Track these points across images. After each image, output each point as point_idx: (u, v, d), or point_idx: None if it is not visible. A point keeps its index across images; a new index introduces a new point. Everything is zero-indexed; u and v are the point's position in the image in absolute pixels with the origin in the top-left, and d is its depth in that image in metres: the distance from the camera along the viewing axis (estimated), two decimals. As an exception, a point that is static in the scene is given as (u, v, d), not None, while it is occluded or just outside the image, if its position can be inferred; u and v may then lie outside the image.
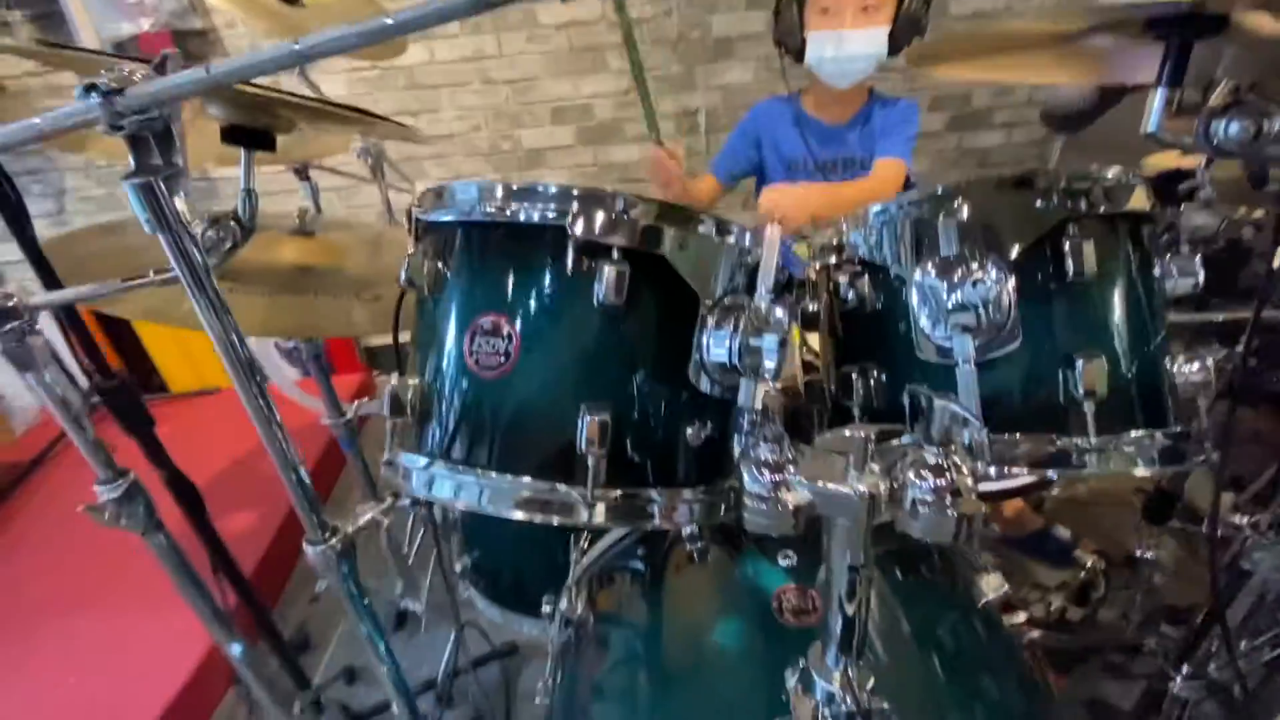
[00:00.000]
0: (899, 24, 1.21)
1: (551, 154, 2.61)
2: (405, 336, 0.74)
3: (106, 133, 0.40)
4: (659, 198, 0.58)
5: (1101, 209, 0.57)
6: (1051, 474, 0.60)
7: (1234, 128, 0.43)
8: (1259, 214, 0.96)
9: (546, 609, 0.94)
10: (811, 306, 0.80)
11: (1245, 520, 0.82)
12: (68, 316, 0.80)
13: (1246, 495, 1.49)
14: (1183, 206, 0.62)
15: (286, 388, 1.91)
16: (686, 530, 0.79)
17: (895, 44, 1.23)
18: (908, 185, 1.37)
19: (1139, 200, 0.58)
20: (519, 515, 0.60)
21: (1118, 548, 1.54)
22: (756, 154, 1.45)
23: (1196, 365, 0.62)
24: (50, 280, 0.74)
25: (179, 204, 0.45)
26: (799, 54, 1.29)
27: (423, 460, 0.63)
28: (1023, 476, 0.61)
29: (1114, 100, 1.43)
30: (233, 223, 0.70)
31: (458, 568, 1.19)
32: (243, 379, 0.56)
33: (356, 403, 1.34)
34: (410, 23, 0.37)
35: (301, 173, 1.53)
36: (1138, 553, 1.36)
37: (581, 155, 2.62)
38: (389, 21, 0.37)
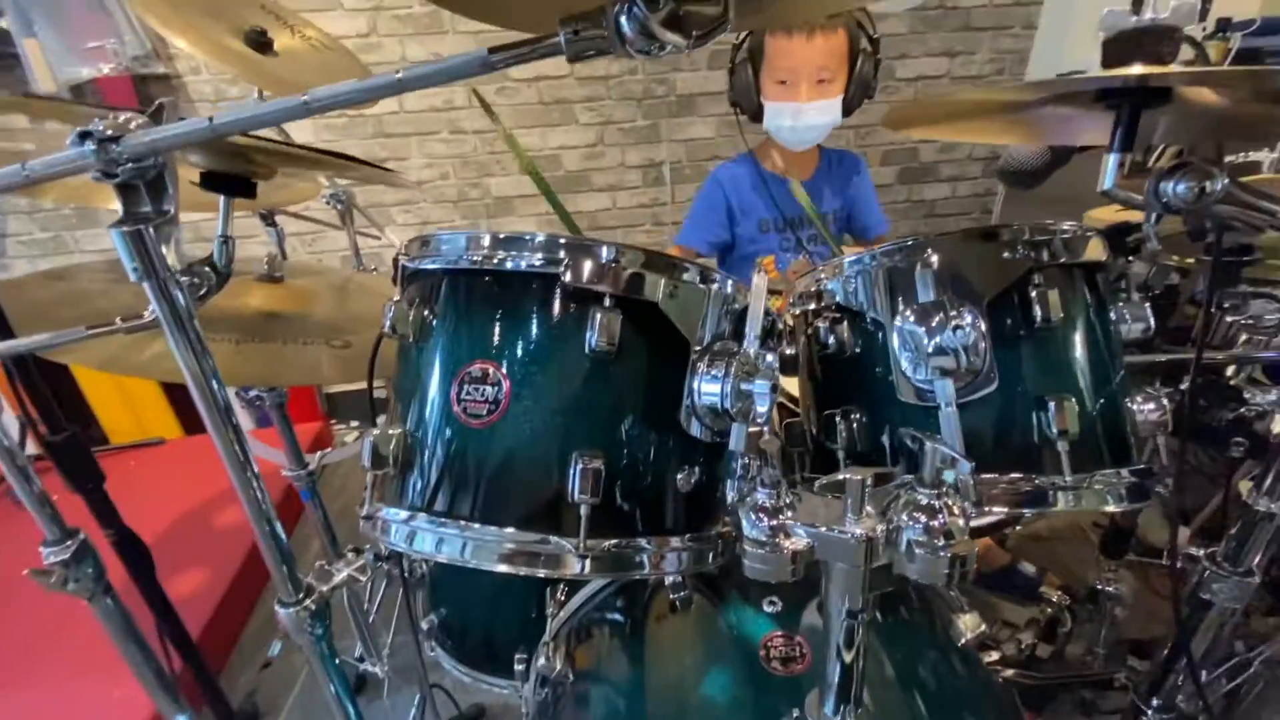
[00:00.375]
0: (851, 90, 1.28)
1: (520, 202, 2.64)
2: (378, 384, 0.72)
3: (97, 180, 0.39)
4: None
5: (1062, 259, 0.61)
6: (1028, 512, 0.62)
7: (1181, 188, 0.48)
8: (1190, 261, 1.05)
9: (519, 667, 0.91)
10: (789, 350, 0.82)
11: (1202, 553, 0.86)
12: (17, 366, 0.75)
13: (1195, 526, 1.57)
14: (1131, 257, 0.67)
15: (241, 438, 1.83)
16: (669, 579, 0.78)
17: (848, 108, 1.30)
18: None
19: (1095, 251, 0.63)
20: (504, 569, 0.58)
21: (1079, 582, 1.58)
22: (728, 219, 1.48)
23: (1153, 405, 0.66)
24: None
25: (167, 252, 0.44)
26: (755, 114, 1.35)
27: (404, 513, 0.61)
28: (997, 515, 0.63)
29: (1065, 159, 1.54)
30: (208, 269, 0.68)
31: (424, 626, 1.14)
32: (220, 427, 0.53)
33: (320, 453, 1.29)
34: (419, 80, 0.38)
35: (268, 218, 1.51)
36: (1098, 586, 1.40)
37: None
38: (398, 77, 0.38)
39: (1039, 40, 2.62)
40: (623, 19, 0.37)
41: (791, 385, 0.91)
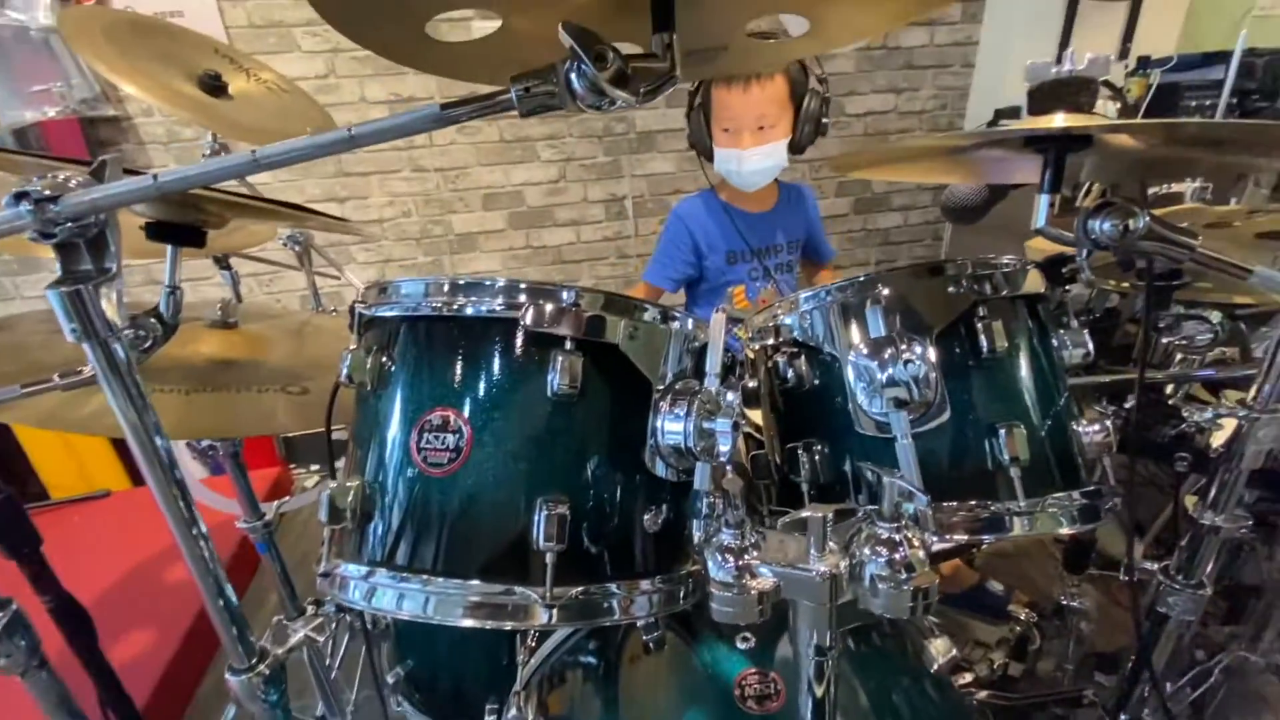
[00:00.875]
0: (799, 130, 1.32)
1: (483, 238, 2.64)
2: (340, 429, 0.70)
3: (34, 240, 0.38)
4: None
5: (1004, 291, 0.64)
6: (988, 538, 0.63)
7: (1107, 226, 0.51)
8: (1125, 285, 1.11)
9: (490, 718, 0.88)
10: (751, 383, 0.83)
11: (1156, 567, 0.89)
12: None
13: (1150, 537, 1.62)
14: (1068, 287, 0.70)
15: (193, 488, 1.75)
16: (642, 620, 0.77)
17: (799, 146, 1.35)
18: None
19: (1034, 283, 0.66)
20: (469, 623, 0.57)
21: (1046, 598, 1.61)
22: (695, 256, 1.50)
23: (1097, 426, 0.69)
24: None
25: (108, 307, 0.42)
26: (710, 157, 1.39)
27: (363, 569, 0.59)
28: (957, 542, 0.65)
29: (1002, 195, 1.63)
30: (154, 320, 0.66)
31: (390, 680, 1.09)
32: (163, 484, 0.51)
33: (277, 503, 1.25)
34: (371, 135, 0.38)
35: (222, 261, 1.48)
36: (1064, 601, 1.43)
37: (514, 238, 2.67)
38: (350, 134, 0.38)
39: (977, 77, 2.77)
40: (573, 76, 0.39)
41: (757, 417, 0.93)
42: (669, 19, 0.41)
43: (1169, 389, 1.00)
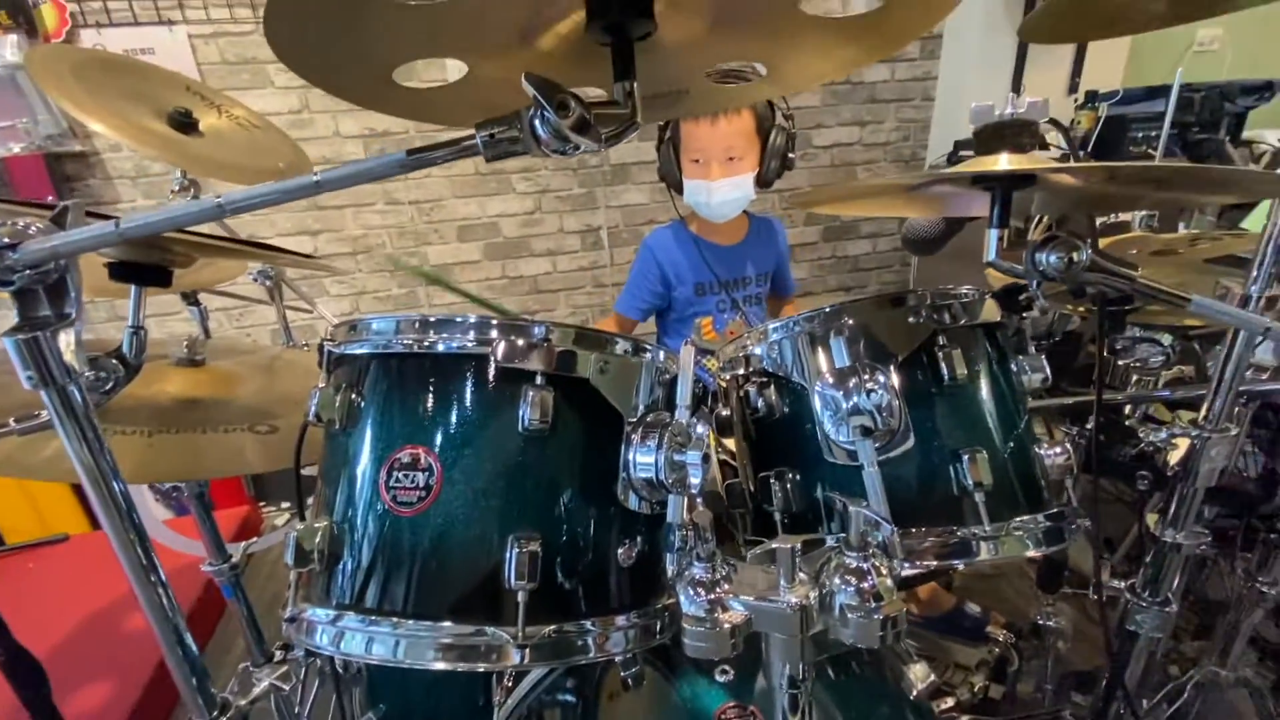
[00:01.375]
0: (765, 164, 1.36)
1: (459, 269, 2.64)
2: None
3: (-10, 288, 0.37)
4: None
5: (963, 320, 0.66)
6: (958, 564, 0.64)
7: (1053, 258, 0.53)
8: (1081, 309, 1.15)
9: (468, 762, 0.85)
10: (725, 412, 0.84)
11: (1123, 585, 0.90)
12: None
13: (1119, 555, 1.65)
14: (1025, 314, 0.73)
15: (156, 530, 1.69)
16: (618, 657, 0.76)
17: (765, 180, 1.38)
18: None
19: (990, 312, 0.68)
20: (441, 666, 0.56)
21: (1023, 618, 1.62)
22: (663, 287, 1.52)
23: (1059, 449, 0.71)
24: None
25: (65, 350, 0.41)
26: (679, 189, 1.42)
27: (331, 612, 0.58)
28: (927, 568, 0.66)
29: (958, 227, 1.70)
30: (115, 361, 0.65)
31: (362, 727, 1.05)
32: (120, 531, 0.50)
33: (244, 544, 1.21)
34: (337, 181, 0.39)
35: (190, 297, 1.46)
36: (1040, 621, 1.44)
37: (490, 269, 2.68)
38: (315, 179, 0.39)
39: (937, 110, 2.88)
40: (536, 123, 0.40)
41: (733, 445, 0.93)
42: (629, 68, 0.43)
43: (1128, 409, 1.03)
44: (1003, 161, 0.51)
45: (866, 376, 0.59)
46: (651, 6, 0.42)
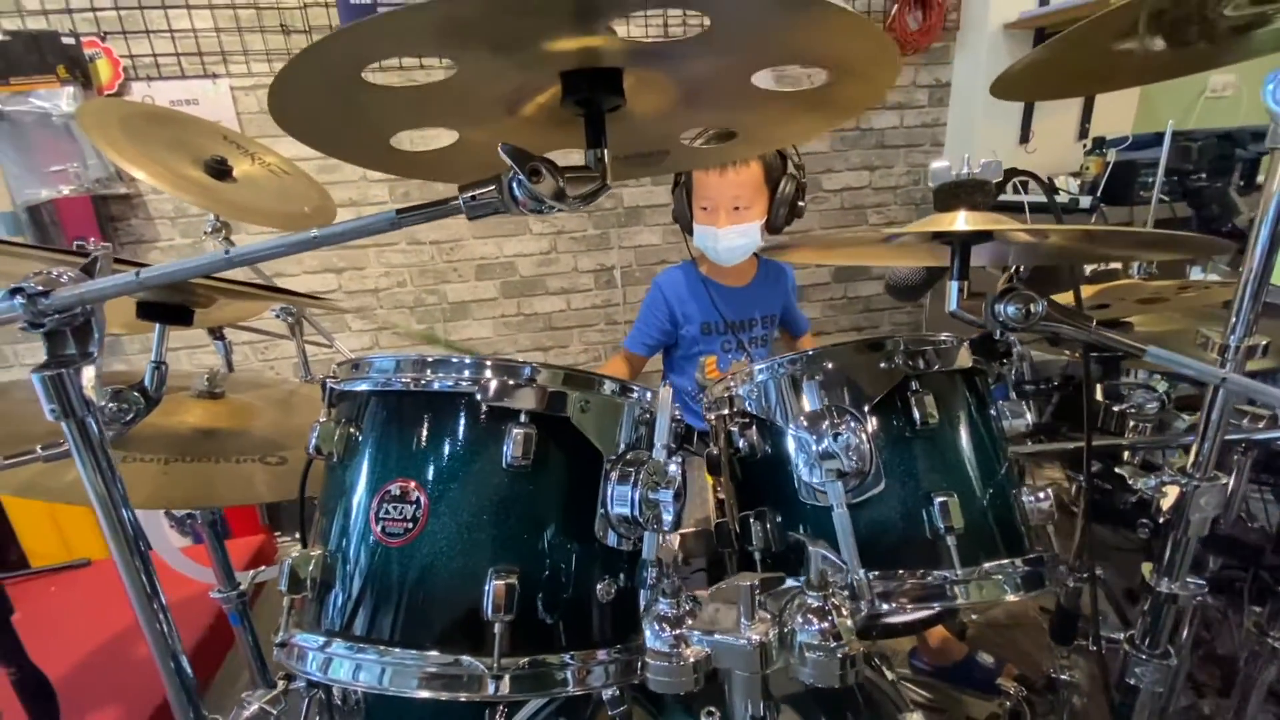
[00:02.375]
0: (774, 211, 1.40)
1: (475, 306, 2.72)
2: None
3: (24, 330, 0.42)
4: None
5: (936, 366, 0.68)
6: (936, 606, 0.65)
7: (1011, 310, 0.56)
8: (1076, 355, 1.15)
9: (459, 797, 0.86)
10: (714, 450, 0.86)
11: (1122, 636, 0.88)
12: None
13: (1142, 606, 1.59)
14: (1004, 360, 0.75)
15: (170, 556, 1.73)
16: (607, 694, 0.76)
17: (775, 227, 1.42)
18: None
19: (963, 359, 0.70)
20: (424, 694, 0.58)
21: (1037, 670, 1.57)
22: (671, 325, 1.56)
23: (1041, 495, 0.72)
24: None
25: (86, 385, 0.46)
26: (691, 230, 1.47)
27: (320, 639, 0.60)
28: (913, 612, 0.66)
29: (939, 275, 1.73)
30: (137, 394, 0.69)
31: (358, 759, 1.06)
32: (127, 557, 0.53)
33: (252, 572, 1.24)
34: (334, 236, 0.43)
35: (215, 331, 1.53)
36: (1053, 674, 1.39)
37: (506, 306, 2.75)
38: (313, 235, 0.43)
39: (947, 155, 2.92)
40: (514, 186, 0.44)
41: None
42: (600, 137, 0.47)
43: (1125, 455, 1.03)
44: (960, 219, 0.54)
45: (837, 419, 0.61)
46: (620, 84, 0.46)
